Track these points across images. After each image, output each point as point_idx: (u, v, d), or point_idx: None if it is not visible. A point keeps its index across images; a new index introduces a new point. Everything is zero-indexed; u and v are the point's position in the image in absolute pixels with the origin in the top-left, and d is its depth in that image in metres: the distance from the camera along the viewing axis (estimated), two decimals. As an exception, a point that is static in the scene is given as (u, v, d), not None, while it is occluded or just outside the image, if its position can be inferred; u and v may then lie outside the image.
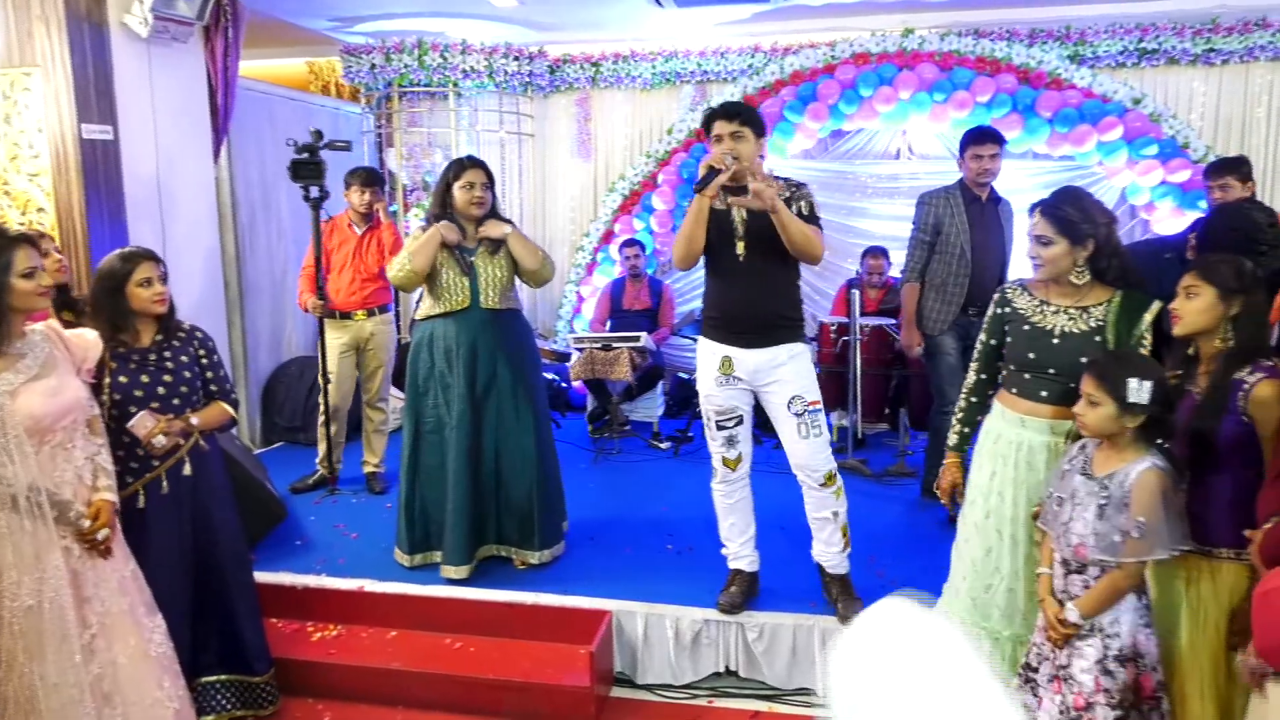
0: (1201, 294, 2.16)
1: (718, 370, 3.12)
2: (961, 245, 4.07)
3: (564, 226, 7.03)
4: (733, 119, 2.99)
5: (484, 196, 3.56)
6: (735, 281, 3.08)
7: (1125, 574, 2.09)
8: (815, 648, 3.18)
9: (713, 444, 3.25)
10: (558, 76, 6.81)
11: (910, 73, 5.83)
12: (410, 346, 3.73)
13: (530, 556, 3.68)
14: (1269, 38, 5.78)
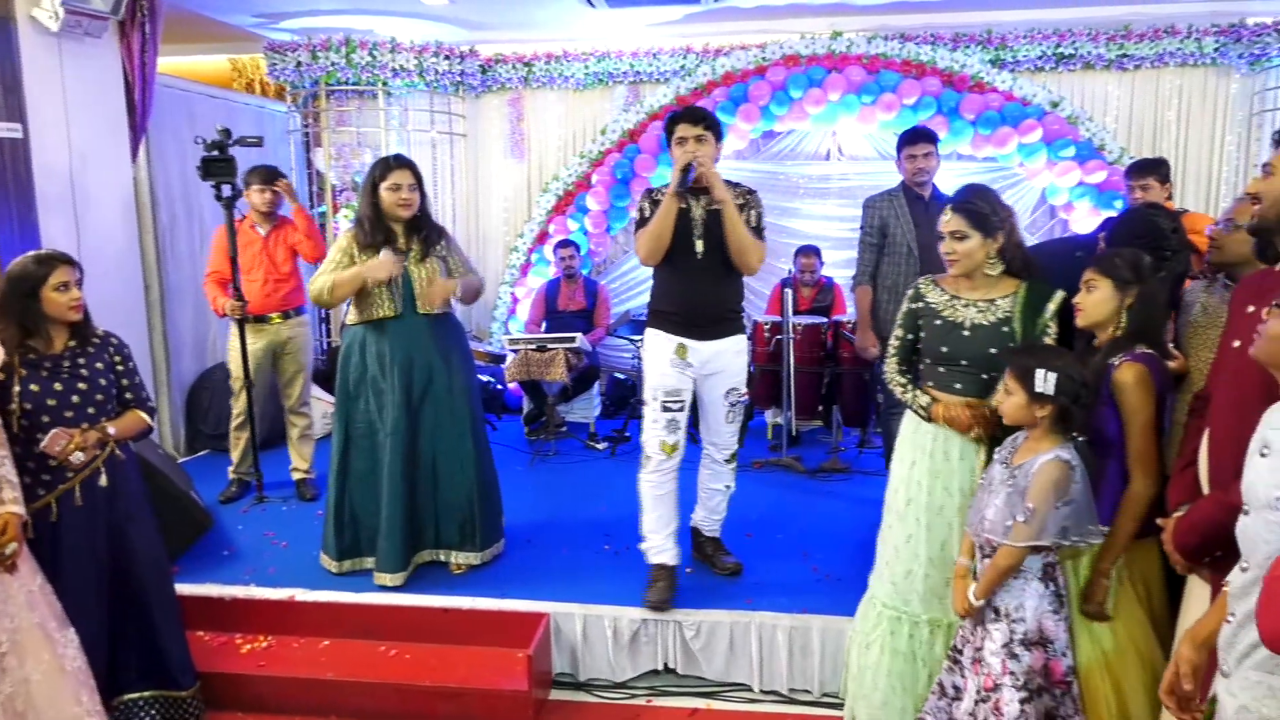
0: (1099, 287, 2.28)
1: (673, 353, 3.26)
2: (908, 245, 4.16)
3: (498, 227, 6.98)
4: (697, 123, 3.17)
5: (410, 198, 3.51)
6: (692, 278, 3.24)
7: (1006, 554, 2.16)
8: (752, 643, 3.20)
9: (653, 428, 3.30)
10: (490, 76, 6.75)
11: (839, 75, 5.93)
12: (340, 350, 3.66)
13: (473, 558, 3.66)
14: (1177, 44, 6.02)
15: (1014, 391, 2.18)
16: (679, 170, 3.10)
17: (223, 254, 4.48)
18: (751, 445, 5.37)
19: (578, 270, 6.16)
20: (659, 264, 3.27)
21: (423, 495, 3.61)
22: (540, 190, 6.72)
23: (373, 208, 3.51)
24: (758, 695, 3.22)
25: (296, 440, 4.75)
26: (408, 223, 3.55)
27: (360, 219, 3.55)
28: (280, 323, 4.62)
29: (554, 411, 5.62)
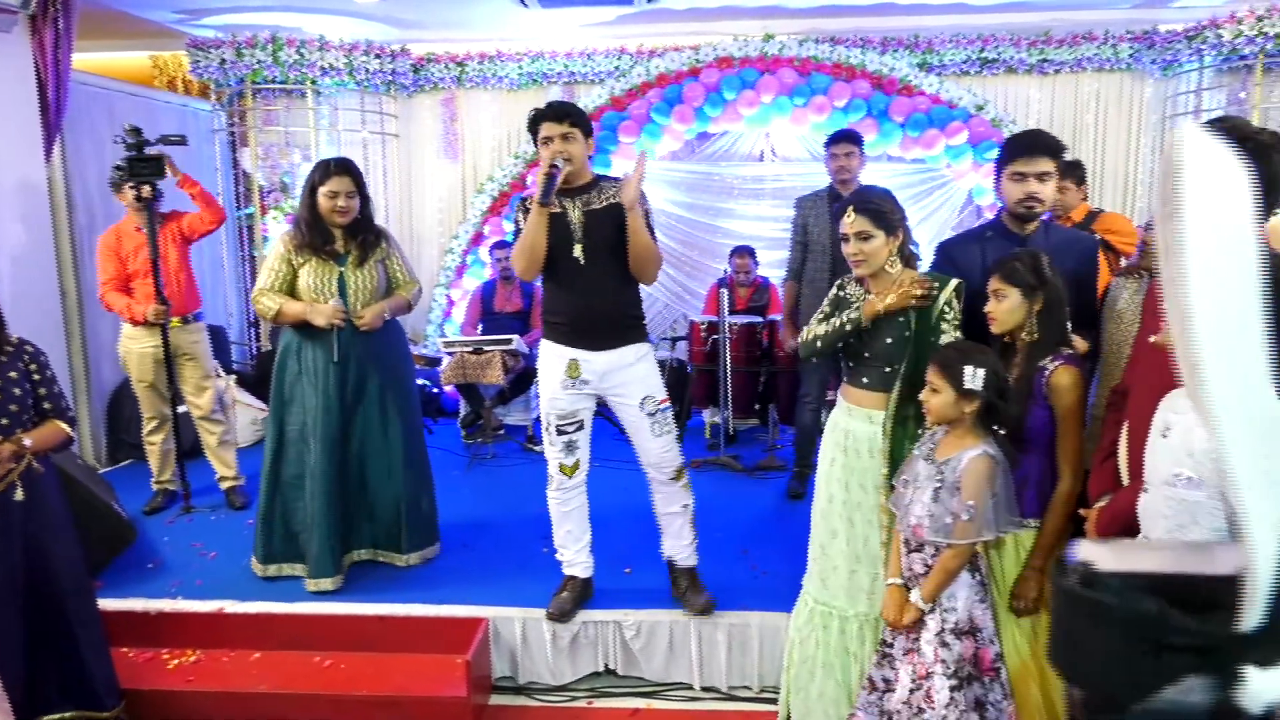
0: (1008, 295, 2.35)
1: (564, 374, 3.08)
2: (824, 243, 4.26)
3: (432, 228, 6.89)
4: (562, 120, 2.95)
5: (347, 206, 3.47)
6: (577, 284, 3.04)
7: (954, 554, 2.21)
8: (691, 642, 3.22)
9: (551, 450, 3.17)
10: (422, 76, 6.66)
11: (771, 77, 6.00)
12: (276, 354, 3.62)
13: (397, 559, 3.66)
14: (1095, 50, 6.24)
15: (941, 389, 2.23)
16: (543, 176, 2.88)
17: (113, 259, 4.28)
18: (689, 444, 5.40)
19: (513, 271, 6.11)
20: (544, 272, 3.05)
21: (351, 499, 3.60)
22: (475, 191, 6.66)
23: (310, 211, 3.48)
24: (698, 693, 3.24)
25: (216, 448, 4.58)
26: (346, 226, 3.52)
27: (298, 220, 3.52)
28: (178, 328, 4.38)
29: (491, 414, 5.57)
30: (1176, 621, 0.38)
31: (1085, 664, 0.40)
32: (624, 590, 3.43)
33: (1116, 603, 0.38)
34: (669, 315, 6.81)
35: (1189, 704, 0.38)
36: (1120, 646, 0.38)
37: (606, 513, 3.61)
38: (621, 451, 4.70)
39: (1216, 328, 0.37)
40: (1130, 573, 0.38)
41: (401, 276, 3.69)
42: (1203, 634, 0.38)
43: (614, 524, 3.87)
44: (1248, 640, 0.37)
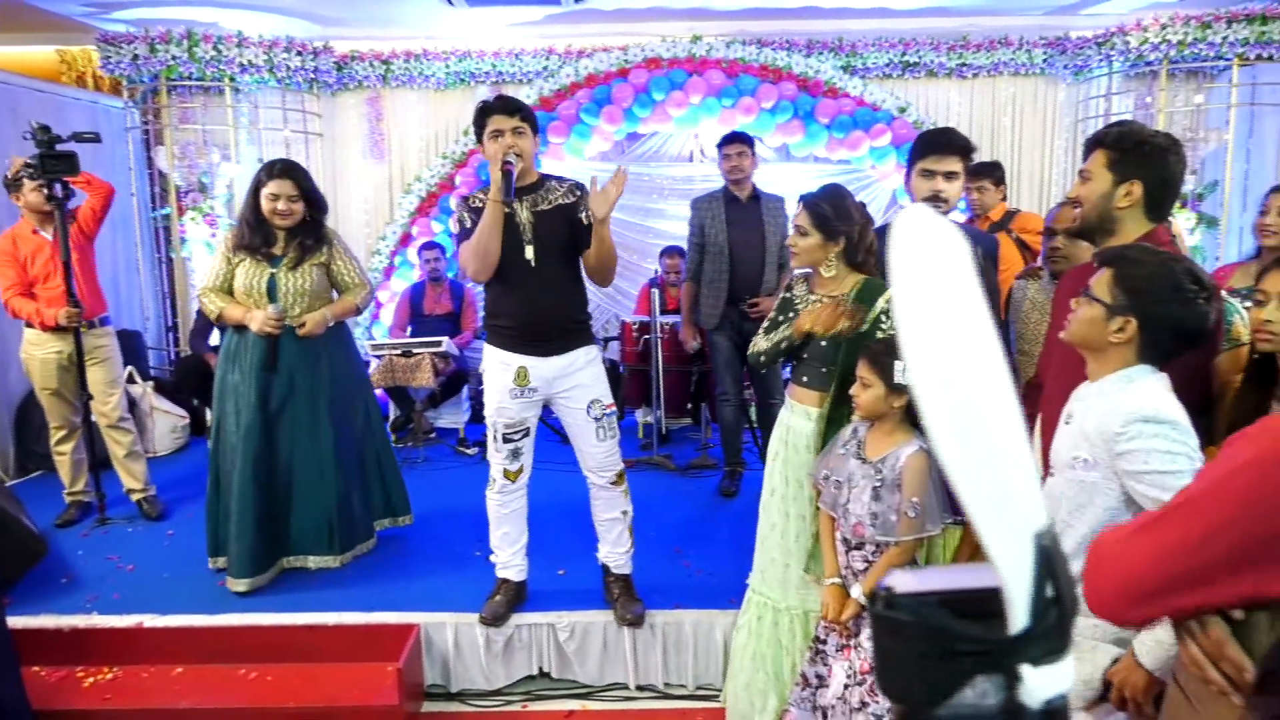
0: None
1: (512, 382, 3.02)
2: (720, 243, 4.34)
3: (359, 229, 6.76)
4: (514, 114, 2.88)
5: (289, 209, 3.45)
6: (527, 287, 2.96)
7: (900, 551, 2.26)
8: (626, 642, 3.22)
9: (495, 456, 3.14)
10: (346, 74, 6.53)
11: (700, 78, 6.05)
12: (219, 355, 3.60)
13: (330, 562, 3.64)
14: (1011, 55, 6.43)
15: (871, 384, 2.27)
16: (498, 171, 2.78)
17: (11, 265, 4.11)
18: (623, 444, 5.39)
19: (443, 273, 6.05)
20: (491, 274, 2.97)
21: (279, 504, 3.56)
22: (402, 191, 6.56)
23: (253, 212, 3.47)
24: (633, 693, 3.24)
25: (124, 458, 4.38)
26: (290, 228, 3.50)
27: (241, 220, 3.53)
28: (85, 332, 4.20)
29: (421, 418, 5.50)
30: (961, 630, 0.43)
31: (894, 678, 0.45)
32: (558, 592, 3.42)
33: (909, 619, 0.43)
34: (601, 316, 6.81)
35: (984, 705, 0.43)
36: (919, 658, 0.43)
37: (541, 513, 3.58)
38: (556, 453, 4.72)
39: (934, 378, 0.43)
40: (924, 591, 0.44)
41: (350, 279, 3.65)
42: (983, 640, 0.43)
43: (548, 525, 3.85)
44: (1018, 642, 0.42)
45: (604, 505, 3.22)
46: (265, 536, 3.51)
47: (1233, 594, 1.05)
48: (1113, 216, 1.99)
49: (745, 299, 4.37)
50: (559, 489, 4.11)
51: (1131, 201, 1.96)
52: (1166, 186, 1.95)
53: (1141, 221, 1.98)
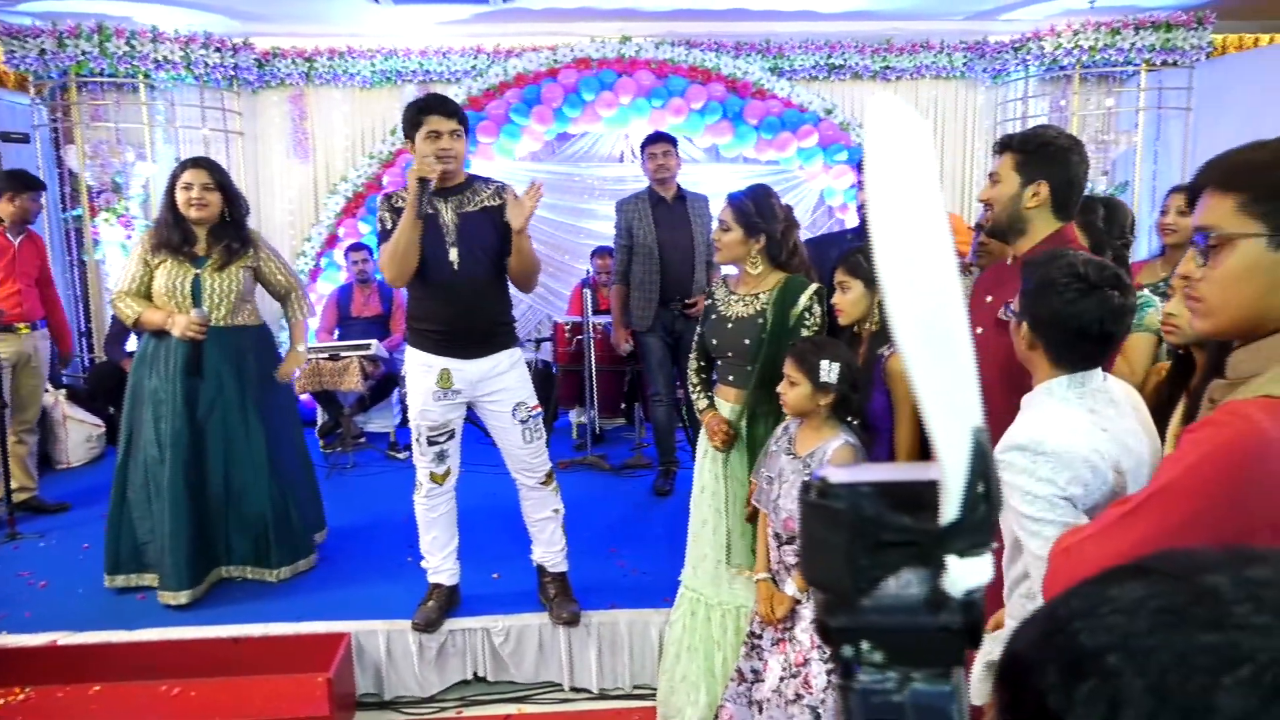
0: (852, 288, 2.45)
1: (435, 384, 2.98)
2: (650, 245, 4.34)
3: (283, 230, 6.60)
4: (453, 116, 2.85)
5: (203, 199, 3.34)
6: (451, 290, 2.92)
7: None
8: (561, 644, 3.21)
9: (421, 459, 3.09)
10: (267, 71, 6.37)
11: (629, 79, 6.06)
12: (133, 360, 3.48)
13: (267, 575, 3.53)
14: (932, 58, 6.59)
15: (798, 382, 2.30)
16: (415, 180, 2.73)
17: None
18: (557, 445, 5.38)
19: (371, 275, 5.94)
20: (414, 277, 2.91)
21: (213, 510, 3.46)
22: (328, 192, 6.43)
23: (170, 210, 3.36)
24: (569, 694, 3.23)
25: (25, 459, 4.37)
26: (212, 229, 3.38)
27: (159, 219, 3.43)
28: (27, 334, 4.21)
29: (350, 422, 5.40)
30: (891, 520, 0.44)
31: (820, 566, 0.47)
32: (492, 595, 3.39)
33: (843, 507, 0.45)
34: (533, 317, 6.77)
35: (908, 594, 0.45)
36: (847, 546, 0.45)
37: (473, 517, 3.55)
38: (488, 455, 4.64)
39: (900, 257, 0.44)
40: (858, 482, 0.45)
41: (282, 280, 3.59)
42: (912, 530, 0.45)
43: (481, 528, 3.82)
44: (947, 533, 0.43)
45: (534, 505, 3.21)
46: (200, 547, 3.40)
47: None
48: (1022, 217, 2.05)
49: (677, 299, 4.38)
50: (490, 491, 4.07)
51: (1039, 202, 2.02)
52: (1071, 186, 2.03)
53: (1050, 221, 2.05)
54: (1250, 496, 1.03)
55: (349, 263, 5.95)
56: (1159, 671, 0.39)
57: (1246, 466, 1.04)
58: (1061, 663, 0.42)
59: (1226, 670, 0.38)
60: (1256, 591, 0.40)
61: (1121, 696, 0.39)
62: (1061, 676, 0.41)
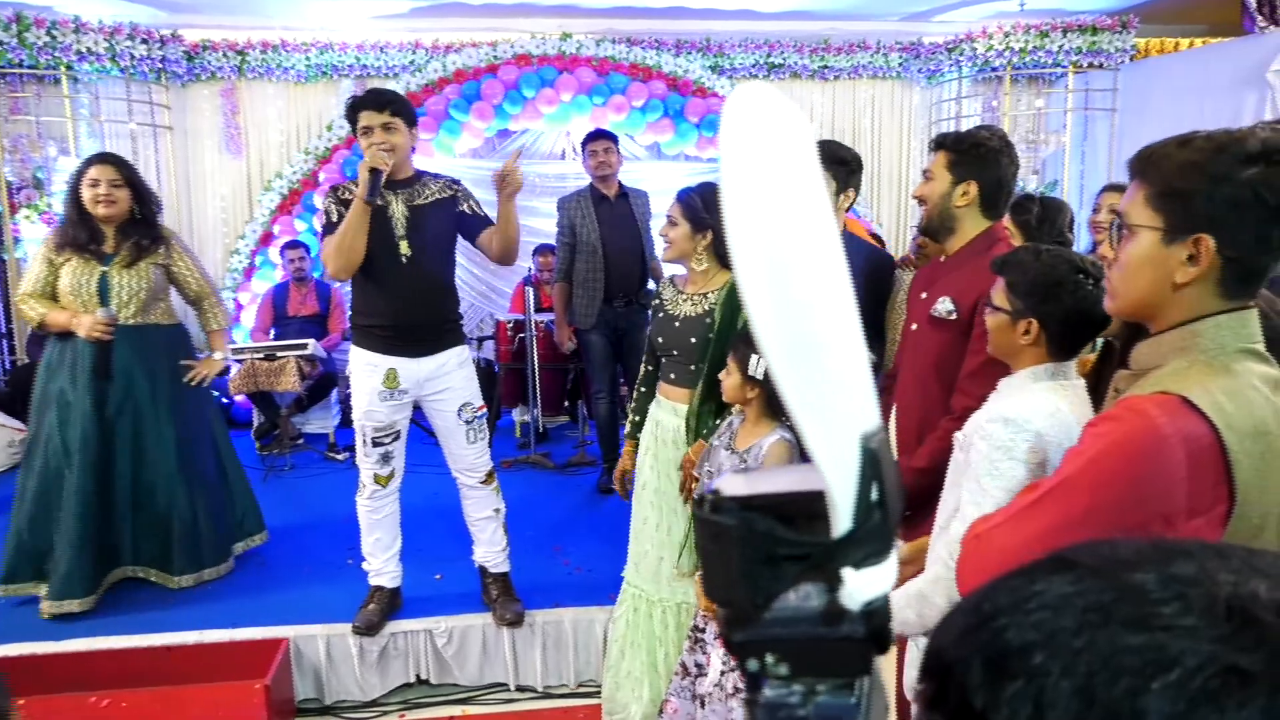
0: None
1: (381, 384, 2.93)
2: (593, 242, 4.33)
3: (215, 228, 6.44)
4: (384, 108, 2.78)
5: (110, 195, 3.22)
6: (400, 285, 2.86)
7: None
8: (505, 644, 3.19)
9: (365, 461, 3.04)
10: (197, 64, 6.20)
11: (570, 76, 6.04)
12: (40, 362, 3.35)
13: (169, 581, 3.44)
14: (869, 58, 6.70)
15: (733, 372, 2.33)
16: (365, 171, 2.70)
17: None
18: (500, 444, 5.35)
19: (308, 273, 5.83)
20: (360, 272, 2.84)
21: (118, 514, 3.35)
22: (262, 188, 6.29)
23: (75, 207, 3.25)
24: (514, 694, 3.21)
25: None
26: (120, 226, 3.27)
27: (64, 217, 3.31)
28: None
29: (288, 423, 5.28)
30: (783, 535, 0.44)
31: (718, 582, 0.46)
32: (434, 597, 3.35)
33: (733, 523, 0.44)
34: (475, 315, 6.71)
35: (808, 608, 0.45)
36: (743, 562, 0.44)
37: (415, 518, 3.51)
38: (430, 455, 4.61)
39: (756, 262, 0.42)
40: (749, 495, 0.45)
41: (195, 283, 3.47)
42: (805, 544, 0.44)
43: (423, 529, 3.78)
44: (841, 545, 0.43)
45: (475, 504, 3.19)
46: (100, 553, 3.29)
47: None
48: (952, 215, 2.10)
49: (620, 296, 4.37)
50: (432, 491, 4.03)
51: (968, 201, 2.07)
52: (1000, 186, 2.08)
53: (979, 220, 2.10)
54: (1145, 490, 1.07)
55: (285, 261, 5.83)
56: (1086, 673, 0.38)
57: (1141, 462, 1.07)
58: (986, 659, 0.41)
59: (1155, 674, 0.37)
60: (1183, 590, 0.40)
61: (1047, 698, 0.38)
62: (987, 674, 0.41)
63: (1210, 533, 1.06)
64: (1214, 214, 1.09)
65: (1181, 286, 1.13)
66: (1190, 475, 1.05)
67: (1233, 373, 1.10)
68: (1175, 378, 1.11)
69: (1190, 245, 1.11)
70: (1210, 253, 1.10)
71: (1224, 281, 1.12)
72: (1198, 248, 1.11)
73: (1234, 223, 1.08)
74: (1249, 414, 1.07)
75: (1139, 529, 1.07)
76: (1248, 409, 1.07)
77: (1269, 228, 1.08)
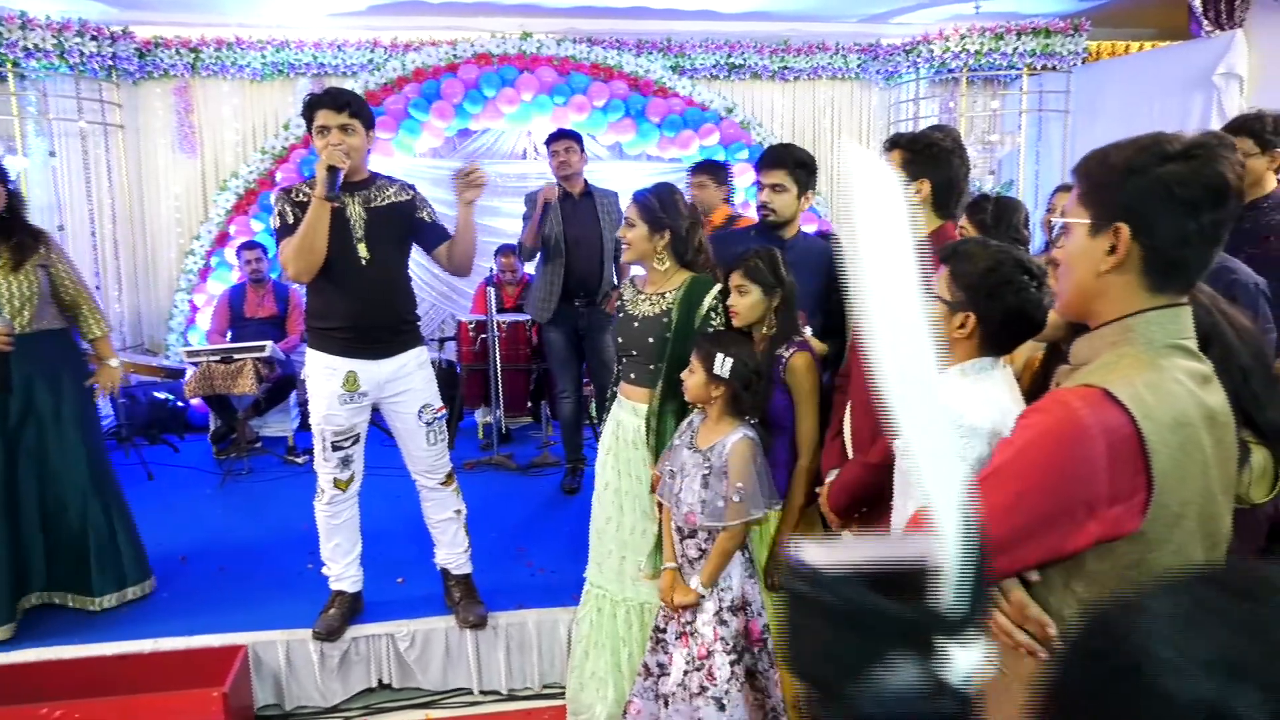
0: (750, 292, 2.50)
1: (341, 388, 2.89)
2: (557, 240, 4.30)
3: (169, 228, 6.33)
4: (342, 109, 2.75)
5: None
6: (359, 287, 2.84)
7: (729, 536, 2.33)
8: (469, 647, 3.17)
9: (324, 465, 2.99)
10: (150, 61, 6.09)
11: (531, 75, 6.02)
12: None
13: (89, 603, 3.28)
14: (828, 59, 6.76)
15: (696, 371, 2.34)
16: (323, 169, 2.66)
17: None
18: (463, 446, 5.32)
19: (266, 274, 5.73)
20: (317, 274, 2.80)
21: (27, 535, 3.18)
22: (218, 188, 6.19)
23: None
24: (478, 697, 3.19)
25: None
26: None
27: None
28: None
29: (245, 427, 5.21)
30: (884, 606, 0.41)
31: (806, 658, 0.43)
32: (396, 601, 3.32)
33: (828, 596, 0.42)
34: (436, 315, 6.66)
35: (899, 682, 0.42)
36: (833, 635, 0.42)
37: (376, 522, 3.47)
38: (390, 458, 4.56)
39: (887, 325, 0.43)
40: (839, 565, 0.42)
41: (72, 286, 3.25)
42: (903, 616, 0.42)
43: (384, 533, 3.74)
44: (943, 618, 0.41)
45: (435, 506, 3.16)
46: (8, 577, 3.12)
47: (1034, 555, 1.15)
48: None
49: (581, 295, 4.36)
50: (393, 494, 3.99)
51: (921, 200, 2.10)
52: (951, 186, 2.11)
53: (931, 218, 2.12)
54: (1068, 477, 1.11)
55: (241, 262, 5.73)
56: None
57: (1064, 450, 1.11)
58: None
59: None
60: None
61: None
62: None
63: (1130, 520, 1.10)
64: (1130, 204, 1.14)
65: (1105, 274, 1.18)
66: (1110, 464, 1.09)
67: (1158, 367, 1.14)
68: (1102, 371, 1.15)
69: (1111, 235, 1.16)
70: (1126, 241, 1.15)
71: (1147, 274, 1.16)
72: (1117, 237, 1.15)
73: (1148, 213, 1.13)
74: (1170, 406, 1.10)
75: (1065, 514, 1.12)
76: (1169, 401, 1.11)
77: (1183, 221, 1.12)
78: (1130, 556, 1.13)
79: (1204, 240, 1.14)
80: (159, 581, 3.50)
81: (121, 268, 6.27)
